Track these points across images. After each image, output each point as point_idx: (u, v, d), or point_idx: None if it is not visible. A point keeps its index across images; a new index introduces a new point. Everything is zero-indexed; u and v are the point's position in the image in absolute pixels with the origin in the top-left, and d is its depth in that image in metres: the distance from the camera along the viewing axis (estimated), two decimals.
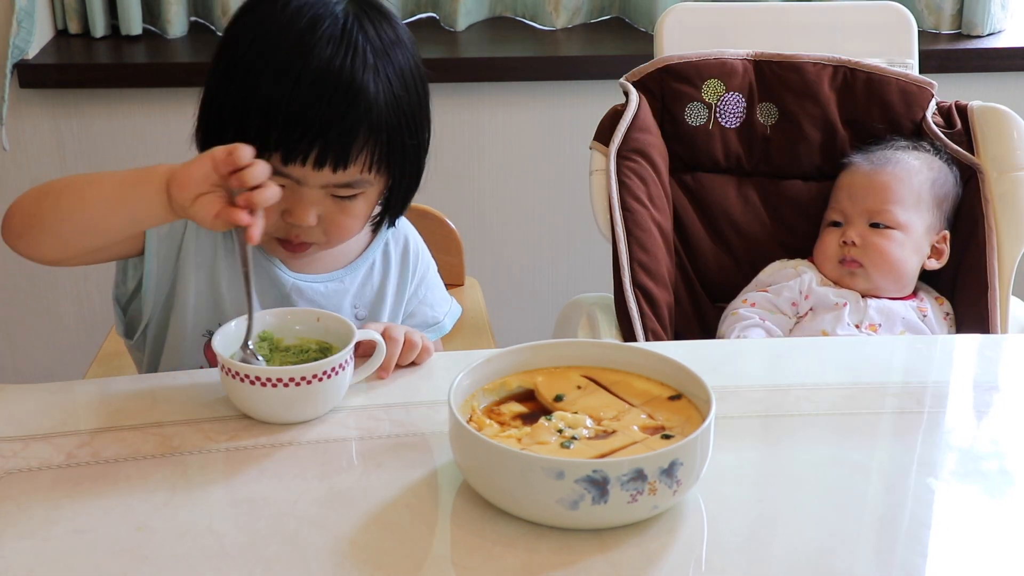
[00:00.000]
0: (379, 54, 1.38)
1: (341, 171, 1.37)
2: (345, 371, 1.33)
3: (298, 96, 1.34)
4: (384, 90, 1.37)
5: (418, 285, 1.62)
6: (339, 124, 1.35)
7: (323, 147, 1.35)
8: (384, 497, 1.21)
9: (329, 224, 1.43)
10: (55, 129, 2.55)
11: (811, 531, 1.16)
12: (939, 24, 2.65)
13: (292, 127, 1.34)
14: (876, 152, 1.94)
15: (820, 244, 1.95)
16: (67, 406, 1.36)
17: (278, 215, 1.41)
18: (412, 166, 1.46)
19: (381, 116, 1.37)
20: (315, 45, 1.35)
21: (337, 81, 1.34)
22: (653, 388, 1.28)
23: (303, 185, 1.39)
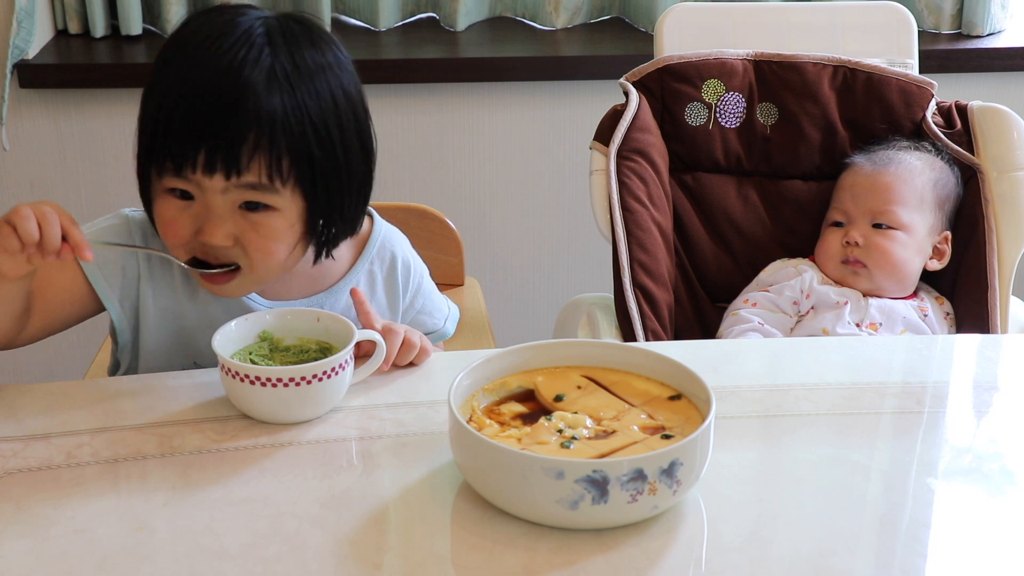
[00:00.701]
0: (279, 58, 1.33)
1: (235, 176, 1.32)
2: (345, 371, 1.33)
3: (184, 102, 1.31)
4: (285, 97, 1.32)
5: (413, 298, 1.59)
6: (224, 126, 1.30)
7: (210, 149, 1.31)
8: (384, 497, 1.21)
9: (247, 244, 1.37)
10: (55, 129, 2.55)
11: (811, 531, 1.16)
12: (939, 24, 2.65)
13: (178, 133, 1.31)
14: (878, 152, 1.94)
15: (822, 244, 1.95)
16: (67, 406, 1.36)
17: (191, 233, 1.37)
18: (330, 183, 1.37)
19: (275, 121, 1.31)
20: (213, 56, 1.32)
21: (223, 84, 1.31)
22: (653, 388, 1.28)
23: (205, 195, 1.34)
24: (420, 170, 2.64)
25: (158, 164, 1.34)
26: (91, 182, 2.59)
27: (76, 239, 1.28)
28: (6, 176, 2.58)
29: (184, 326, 1.48)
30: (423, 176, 2.65)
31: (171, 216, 1.37)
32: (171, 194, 1.36)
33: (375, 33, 2.64)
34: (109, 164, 2.57)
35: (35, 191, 2.60)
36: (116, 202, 2.60)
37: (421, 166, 2.64)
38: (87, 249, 1.28)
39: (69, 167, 2.58)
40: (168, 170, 1.34)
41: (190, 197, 1.36)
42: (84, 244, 1.29)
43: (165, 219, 1.38)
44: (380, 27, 2.64)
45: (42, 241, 1.26)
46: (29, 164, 2.58)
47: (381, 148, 1.47)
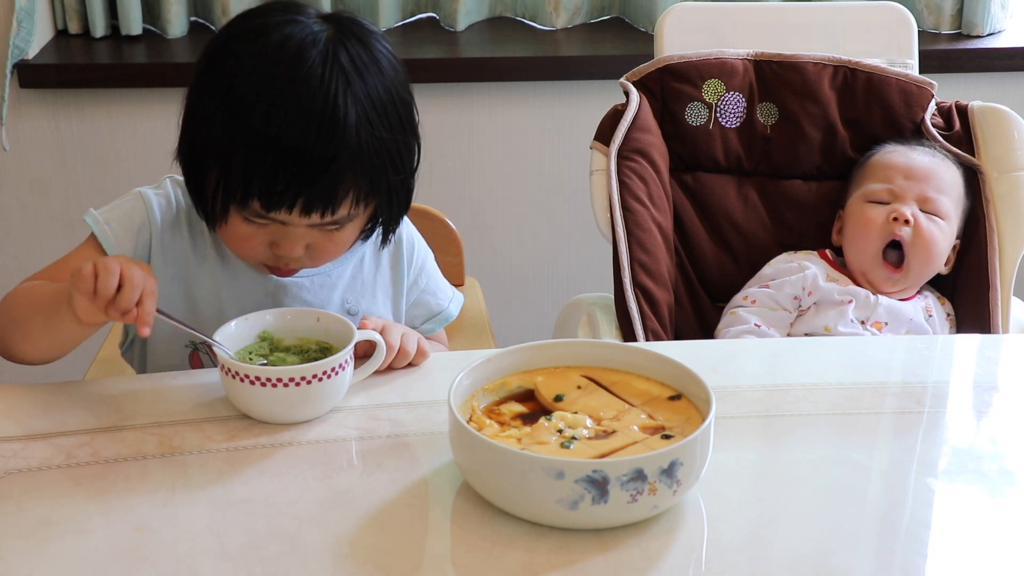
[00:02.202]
0: (361, 103, 1.35)
1: (330, 215, 1.36)
2: (345, 371, 1.33)
3: (279, 150, 1.32)
4: (367, 132, 1.34)
5: (417, 274, 1.60)
6: (324, 174, 1.33)
7: (309, 196, 1.34)
8: (384, 497, 1.21)
9: (317, 251, 1.43)
10: (55, 129, 2.55)
11: (811, 531, 1.16)
12: (939, 24, 2.65)
13: (277, 182, 1.33)
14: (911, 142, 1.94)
15: (860, 219, 1.89)
16: (67, 406, 1.36)
17: (265, 246, 1.41)
18: (399, 195, 1.44)
19: (363, 159, 1.35)
20: (305, 100, 1.32)
21: (322, 135, 1.32)
22: (653, 388, 1.28)
23: (290, 226, 1.38)
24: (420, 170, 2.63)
25: (243, 198, 1.35)
26: (91, 182, 2.59)
27: (145, 310, 1.27)
28: (6, 176, 2.58)
29: (192, 292, 1.49)
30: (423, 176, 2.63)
31: (246, 234, 1.40)
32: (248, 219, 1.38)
33: None
34: (109, 164, 2.57)
35: (35, 191, 2.60)
36: None
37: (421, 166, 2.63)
38: (147, 326, 1.28)
39: (69, 167, 2.58)
40: (255, 208, 1.35)
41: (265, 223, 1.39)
42: (148, 319, 1.28)
43: (239, 236, 1.40)
44: (380, 27, 2.64)
45: (116, 299, 1.26)
46: (29, 164, 2.57)
47: None
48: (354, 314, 1.53)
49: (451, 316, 1.64)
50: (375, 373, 1.40)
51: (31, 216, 2.62)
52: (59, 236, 2.63)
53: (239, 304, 1.47)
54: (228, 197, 1.36)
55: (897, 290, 1.88)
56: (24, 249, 2.64)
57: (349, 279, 1.54)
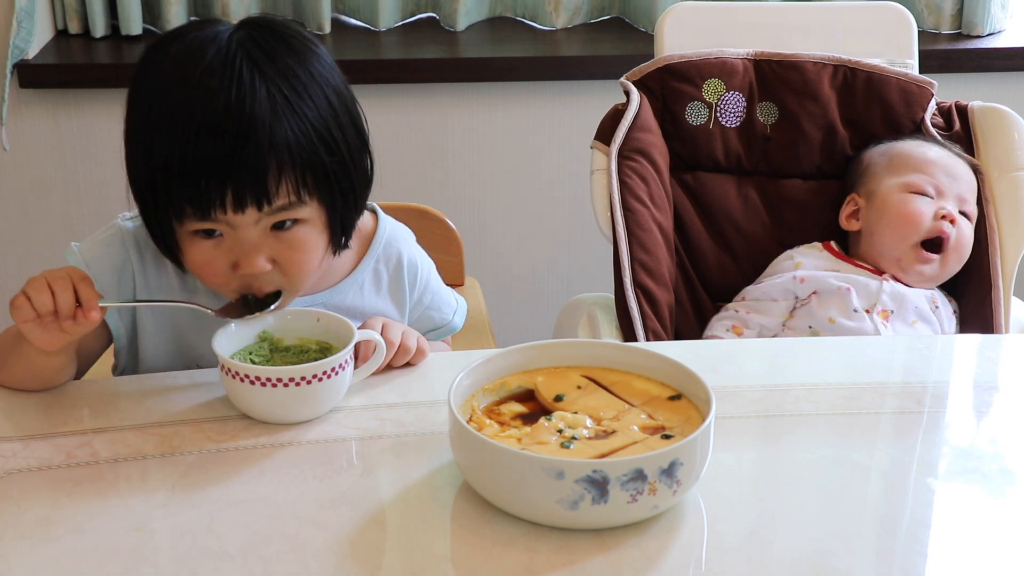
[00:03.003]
0: (272, 81, 1.30)
1: (267, 206, 1.30)
2: (345, 371, 1.33)
3: (195, 149, 1.27)
4: (289, 120, 1.29)
5: (421, 294, 1.57)
6: (245, 163, 1.27)
7: (237, 188, 1.28)
8: (384, 497, 1.21)
9: (284, 264, 1.35)
10: (55, 129, 2.55)
11: (811, 531, 1.16)
12: (939, 24, 2.65)
13: (197, 179, 1.28)
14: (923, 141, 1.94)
15: (907, 212, 1.88)
16: (67, 406, 1.36)
17: (229, 269, 1.34)
18: (345, 185, 1.36)
19: (289, 144, 1.29)
20: (207, 96, 1.28)
21: (228, 121, 1.27)
22: (653, 388, 1.28)
23: (237, 230, 1.32)
24: (420, 170, 2.64)
25: (177, 211, 1.30)
26: (91, 182, 2.59)
27: (84, 297, 1.28)
28: (6, 176, 2.58)
29: (181, 327, 1.46)
30: (423, 176, 2.65)
31: (205, 259, 1.34)
32: (197, 236, 1.33)
33: (375, 33, 2.64)
34: (109, 164, 2.57)
35: (35, 191, 2.60)
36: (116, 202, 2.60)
37: (421, 166, 2.64)
38: (93, 310, 1.28)
39: (69, 167, 2.58)
40: (190, 215, 1.30)
41: (217, 234, 1.33)
42: (90, 303, 1.27)
43: (199, 263, 1.35)
44: (380, 27, 2.64)
45: (56, 307, 1.27)
46: (29, 164, 2.57)
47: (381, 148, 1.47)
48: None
49: (455, 328, 1.62)
50: (375, 373, 1.40)
51: (31, 216, 2.62)
52: (59, 236, 2.63)
53: None
54: (166, 216, 1.32)
55: (926, 282, 1.88)
56: (24, 249, 2.64)
57: (350, 301, 1.50)
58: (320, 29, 2.60)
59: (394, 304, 1.55)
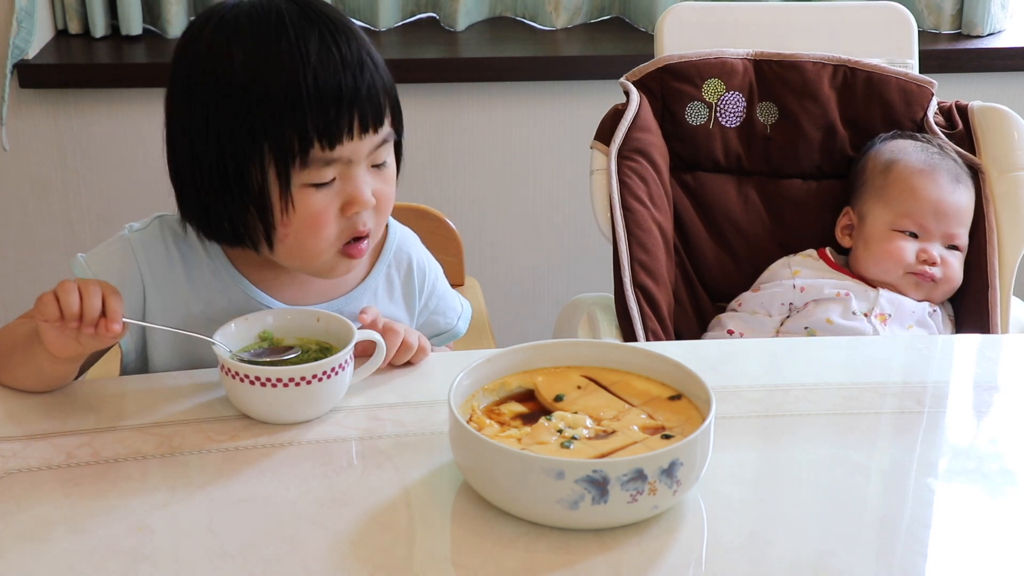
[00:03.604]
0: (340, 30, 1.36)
1: (380, 128, 1.36)
2: (345, 371, 1.33)
3: (323, 77, 1.32)
4: (364, 46, 1.37)
5: (428, 298, 1.58)
6: (361, 84, 1.34)
7: (361, 111, 1.34)
8: (384, 497, 1.21)
9: (380, 199, 1.40)
10: (55, 129, 2.55)
11: (811, 531, 1.16)
12: (939, 24, 2.65)
13: (328, 107, 1.32)
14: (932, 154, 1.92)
15: (889, 249, 1.89)
16: (67, 406, 1.36)
17: (338, 216, 1.37)
18: (400, 132, 1.44)
19: (380, 68, 1.37)
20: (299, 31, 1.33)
21: (340, 57, 1.33)
22: (653, 388, 1.28)
23: (353, 165, 1.36)
24: (420, 170, 2.64)
25: (303, 155, 1.32)
26: (91, 182, 2.59)
27: (110, 308, 1.28)
28: (6, 176, 2.58)
29: (190, 324, 1.43)
30: (423, 176, 2.65)
31: (321, 206, 1.36)
32: (308, 189, 1.35)
33: (375, 33, 2.64)
34: (109, 164, 2.57)
35: (35, 191, 2.60)
36: (116, 202, 2.61)
37: (421, 166, 2.64)
38: (116, 322, 1.28)
39: (69, 167, 2.58)
40: (316, 159, 1.33)
41: (327, 184, 1.35)
42: (115, 316, 1.28)
43: (316, 211, 1.36)
44: (380, 27, 2.64)
45: (82, 311, 1.27)
46: (29, 164, 2.57)
47: None
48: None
49: (459, 333, 1.62)
50: (375, 373, 1.40)
51: (31, 216, 2.62)
52: (59, 236, 2.63)
53: None
54: (287, 164, 1.33)
55: (922, 298, 1.89)
56: (24, 249, 2.64)
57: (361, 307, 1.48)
58: None
59: (406, 309, 1.56)
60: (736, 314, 1.92)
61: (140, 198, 2.53)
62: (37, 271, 2.65)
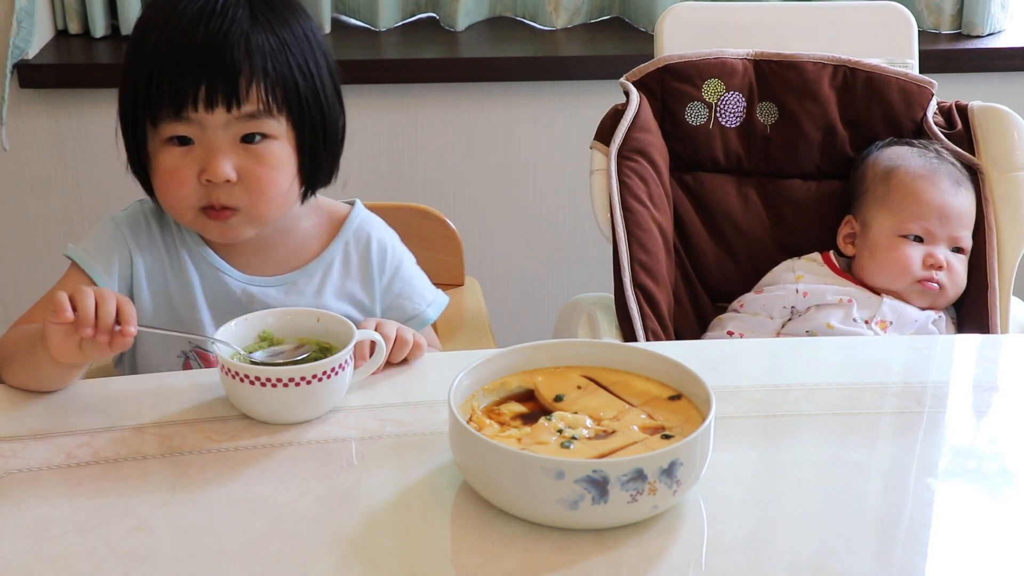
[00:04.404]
0: (258, 6, 1.42)
1: (236, 108, 1.39)
2: (345, 371, 1.33)
3: (177, 47, 1.38)
4: (268, 34, 1.41)
5: (391, 281, 1.59)
6: (220, 60, 1.37)
7: (210, 84, 1.37)
8: (384, 497, 1.21)
9: (250, 179, 1.42)
10: (55, 129, 2.55)
11: (811, 531, 1.16)
12: (939, 24, 2.65)
13: (176, 75, 1.37)
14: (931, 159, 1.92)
15: (896, 257, 1.88)
16: (67, 406, 1.36)
17: (195, 180, 1.42)
18: (314, 113, 1.45)
19: (264, 53, 1.40)
20: (196, 6, 1.40)
21: (211, 25, 1.38)
22: (653, 388, 1.28)
23: (206, 133, 1.40)
24: (420, 170, 2.64)
25: (154, 114, 1.39)
26: (91, 182, 2.59)
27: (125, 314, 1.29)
28: (6, 176, 2.58)
29: (172, 303, 1.51)
30: (423, 176, 2.65)
31: (173, 164, 1.42)
32: (170, 143, 1.41)
33: (375, 33, 2.64)
34: (109, 164, 2.56)
35: (35, 191, 2.60)
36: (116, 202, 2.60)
37: (421, 166, 2.64)
38: (131, 324, 1.28)
39: (69, 167, 2.58)
40: (167, 116, 1.39)
41: (189, 143, 1.41)
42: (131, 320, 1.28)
43: (168, 168, 1.42)
44: (380, 27, 2.64)
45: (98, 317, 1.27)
46: (29, 164, 2.57)
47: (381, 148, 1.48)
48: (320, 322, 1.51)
49: (427, 320, 1.61)
50: (375, 373, 1.40)
51: (31, 216, 2.62)
52: (59, 236, 2.63)
53: (214, 309, 1.51)
54: (143, 119, 1.41)
55: (930, 305, 1.89)
56: (24, 249, 2.64)
57: (318, 285, 1.54)
58: (320, 29, 2.60)
59: (362, 287, 1.57)
60: (737, 315, 1.92)
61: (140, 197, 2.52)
62: (37, 271, 2.65)
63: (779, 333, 1.88)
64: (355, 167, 2.60)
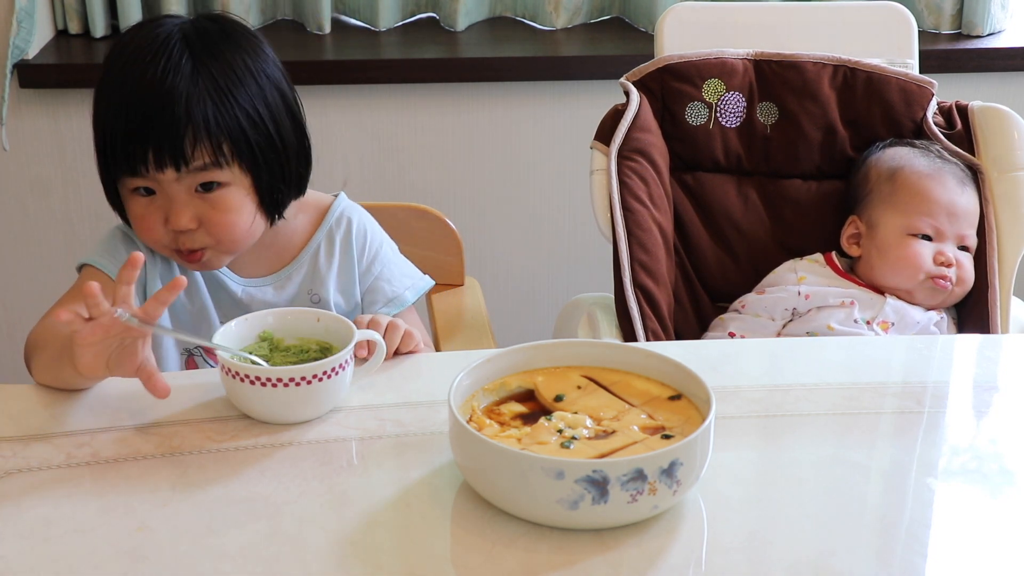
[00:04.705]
0: (201, 61, 1.47)
1: (184, 167, 1.46)
2: (345, 371, 1.33)
3: (123, 113, 1.46)
4: (211, 93, 1.46)
5: (370, 262, 1.66)
6: (162, 127, 1.44)
7: (156, 149, 1.45)
8: (384, 497, 1.21)
9: (210, 224, 1.50)
10: (55, 129, 2.55)
11: (811, 531, 1.16)
12: (939, 24, 2.65)
13: (125, 140, 1.46)
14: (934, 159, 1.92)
15: (907, 256, 1.88)
16: (67, 406, 1.36)
17: (162, 225, 1.50)
18: (269, 157, 1.51)
19: (207, 116, 1.45)
20: (140, 70, 1.46)
21: (150, 91, 1.45)
22: (653, 388, 1.28)
23: (163, 186, 1.48)
24: (420, 170, 2.64)
25: (116, 170, 1.49)
26: (91, 182, 2.57)
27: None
28: (6, 176, 2.58)
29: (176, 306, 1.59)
30: (423, 176, 2.65)
31: (140, 212, 1.51)
32: (136, 193, 1.50)
33: (375, 33, 2.64)
34: None
35: (35, 191, 2.60)
36: None
37: (421, 166, 2.64)
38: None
39: (69, 167, 2.58)
40: (125, 172, 1.48)
41: (153, 192, 1.49)
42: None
43: (136, 216, 1.52)
44: (380, 27, 2.64)
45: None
46: (29, 164, 2.57)
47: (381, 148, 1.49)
48: (316, 302, 1.63)
49: (405, 302, 1.66)
50: (375, 373, 1.40)
51: (31, 216, 2.62)
52: (59, 236, 2.62)
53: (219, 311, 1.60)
54: (108, 175, 1.51)
55: (938, 304, 1.89)
56: (24, 249, 2.64)
57: (308, 271, 1.63)
58: (320, 29, 2.60)
59: (342, 267, 1.64)
60: (738, 316, 1.92)
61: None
62: (37, 271, 2.65)
63: (780, 334, 1.88)
64: (355, 167, 2.62)
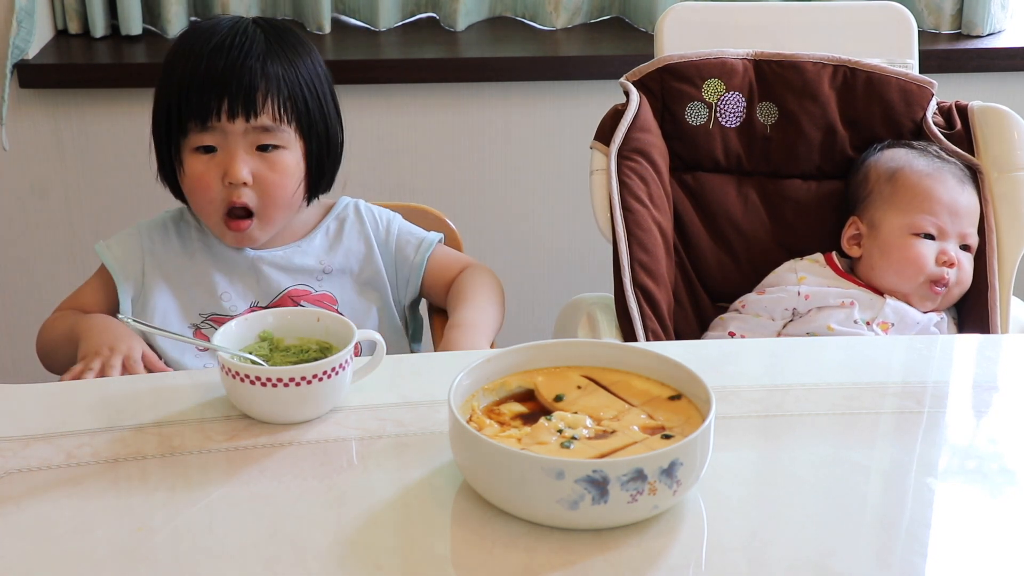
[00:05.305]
0: (273, 38, 1.68)
1: (253, 118, 1.64)
2: (345, 371, 1.33)
3: (202, 71, 1.64)
4: (281, 62, 1.67)
5: (386, 229, 1.81)
6: (239, 80, 1.63)
7: (232, 98, 1.63)
8: (384, 497, 1.21)
9: (262, 183, 1.66)
10: (55, 129, 2.55)
11: (811, 531, 1.16)
12: (939, 24, 2.65)
13: (203, 92, 1.63)
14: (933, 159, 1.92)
15: (910, 256, 1.87)
16: (67, 406, 1.36)
17: (219, 182, 1.66)
18: (319, 128, 1.71)
19: (277, 77, 1.66)
20: (214, 34, 1.67)
21: (231, 52, 1.64)
22: (653, 388, 1.28)
23: (228, 139, 1.65)
24: (420, 170, 2.64)
25: (184, 126, 1.65)
26: (91, 182, 2.59)
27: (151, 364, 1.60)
28: (6, 176, 2.58)
29: (184, 282, 1.73)
30: (423, 176, 2.65)
31: (201, 170, 1.66)
32: (197, 152, 1.66)
33: (375, 33, 2.64)
34: (109, 164, 2.57)
35: (35, 191, 2.60)
36: (116, 202, 2.61)
37: (421, 166, 2.64)
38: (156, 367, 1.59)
39: (69, 167, 2.58)
40: (195, 128, 1.64)
41: (213, 151, 1.66)
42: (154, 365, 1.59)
43: (196, 174, 1.67)
44: (380, 27, 2.64)
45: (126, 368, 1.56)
46: (29, 164, 2.57)
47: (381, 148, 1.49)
48: (328, 272, 1.76)
49: (433, 241, 1.82)
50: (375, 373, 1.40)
51: (31, 217, 2.62)
52: (59, 236, 2.62)
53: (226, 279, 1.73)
54: (174, 133, 1.66)
55: (929, 307, 1.89)
56: (24, 250, 2.64)
57: (319, 245, 1.77)
58: (320, 29, 2.60)
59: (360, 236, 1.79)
60: (739, 316, 1.92)
61: (140, 198, 2.52)
62: (37, 271, 2.65)
63: (780, 334, 1.88)
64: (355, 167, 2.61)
